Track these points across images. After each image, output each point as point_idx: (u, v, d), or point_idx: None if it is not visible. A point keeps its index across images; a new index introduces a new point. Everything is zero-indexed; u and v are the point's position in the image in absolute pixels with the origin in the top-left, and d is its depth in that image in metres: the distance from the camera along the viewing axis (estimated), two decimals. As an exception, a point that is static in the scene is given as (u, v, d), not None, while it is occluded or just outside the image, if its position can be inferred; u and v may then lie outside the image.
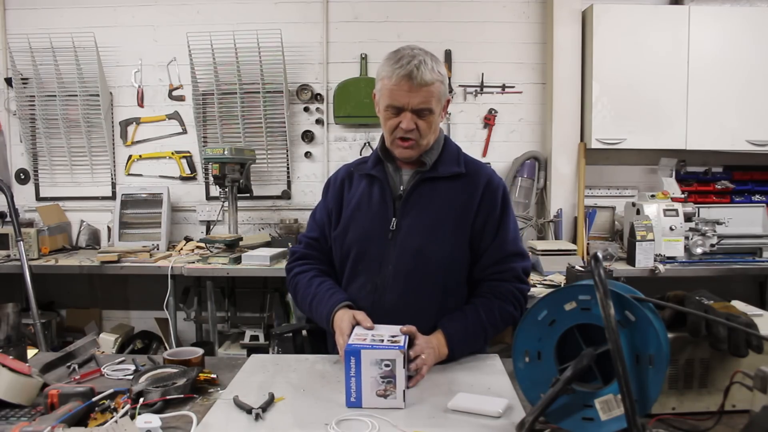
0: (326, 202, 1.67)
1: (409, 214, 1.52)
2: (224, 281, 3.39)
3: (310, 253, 1.65)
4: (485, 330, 1.46)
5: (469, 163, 1.59)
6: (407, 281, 1.49)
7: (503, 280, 1.51)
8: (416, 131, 1.45)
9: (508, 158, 3.65)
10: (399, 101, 1.43)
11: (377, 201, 1.55)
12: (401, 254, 1.50)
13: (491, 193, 1.54)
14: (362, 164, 1.64)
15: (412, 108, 1.43)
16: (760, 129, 3.34)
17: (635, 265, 2.94)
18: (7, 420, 1.08)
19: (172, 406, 1.13)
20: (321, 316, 1.47)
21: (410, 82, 1.39)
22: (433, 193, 1.53)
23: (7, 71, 3.66)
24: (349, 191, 1.62)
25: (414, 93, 1.41)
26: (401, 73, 1.39)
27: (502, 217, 1.53)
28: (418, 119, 1.45)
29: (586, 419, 0.95)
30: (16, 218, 3.00)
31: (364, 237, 1.54)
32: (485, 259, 1.52)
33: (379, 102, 1.51)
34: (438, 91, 1.44)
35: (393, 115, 1.46)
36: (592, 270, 0.90)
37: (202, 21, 3.64)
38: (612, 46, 3.34)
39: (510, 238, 1.53)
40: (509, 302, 1.49)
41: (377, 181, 1.57)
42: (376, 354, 1.12)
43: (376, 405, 1.12)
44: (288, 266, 1.69)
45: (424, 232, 1.50)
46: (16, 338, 1.36)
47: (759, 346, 0.98)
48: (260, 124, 3.64)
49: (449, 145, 1.60)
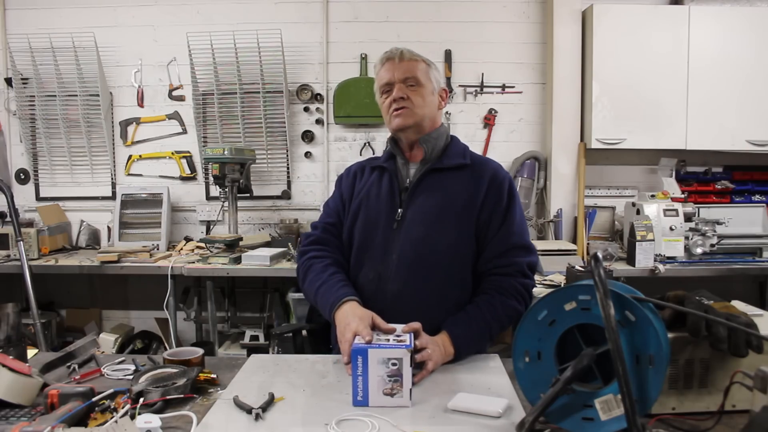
0: (340, 191, 1.72)
1: (415, 203, 1.55)
2: (224, 281, 3.39)
3: (328, 237, 1.66)
4: (490, 327, 1.46)
5: (475, 158, 1.64)
6: (410, 270, 1.50)
7: (507, 275, 1.50)
8: (409, 101, 1.55)
9: (508, 158, 3.65)
10: (386, 78, 1.58)
11: (386, 191, 1.60)
12: (405, 243, 1.51)
13: (497, 185, 1.56)
14: (375, 159, 1.72)
15: (399, 79, 1.57)
16: (760, 129, 3.34)
17: (635, 265, 2.94)
18: (7, 420, 1.08)
19: (172, 406, 1.13)
20: (326, 303, 1.47)
21: (393, 60, 1.59)
22: (439, 183, 1.56)
23: (7, 71, 3.67)
24: (359, 183, 1.68)
25: (397, 67, 1.58)
26: (386, 56, 1.61)
27: (508, 210, 1.54)
28: (408, 90, 1.56)
29: (586, 419, 0.95)
30: (16, 218, 3.00)
31: (370, 226, 1.57)
32: (489, 250, 1.52)
33: (378, 100, 1.64)
34: (422, 68, 1.59)
35: (387, 96, 1.59)
36: (592, 270, 0.90)
37: (202, 21, 3.64)
38: (612, 46, 3.34)
39: (515, 231, 1.54)
40: (513, 297, 1.48)
41: (387, 172, 1.63)
42: (383, 353, 1.13)
43: (383, 404, 1.12)
44: (303, 248, 1.67)
45: (428, 221, 1.52)
46: (16, 338, 1.36)
47: (759, 346, 0.98)
48: (260, 124, 3.64)
49: (456, 142, 1.67)
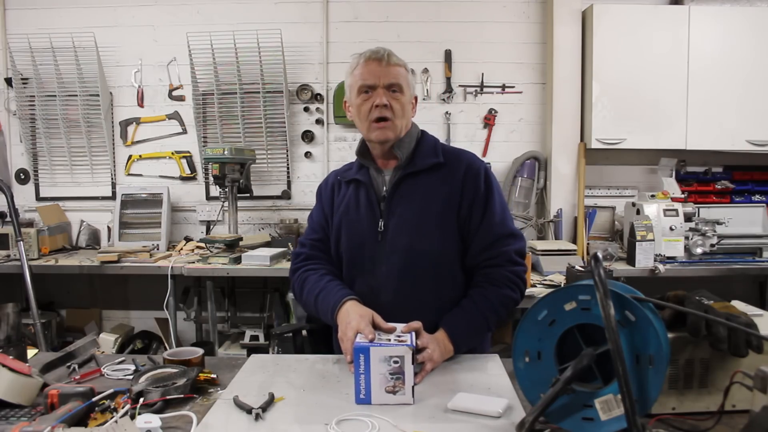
0: (322, 204, 1.69)
1: (395, 213, 1.53)
2: (224, 281, 3.39)
3: (317, 254, 1.65)
4: (486, 319, 1.46)
5: (447, 152, 1.59)
6: (400, 279, 1.50)
7: (496, 265, 1.50)
8: (391, 111, 1.49)
9: (508, 158, 3.66)
10: (370, 80, 1.49)
11: (364, 204, 1.57)
12: (391, 253, 1.51)
13: (472, 177, 1.53)
14: (347, 171, 1.66)
15: (384, 84, 1.49)
16: (760, 129, 3.34)
17: (635, 265, 2.94)
18: (7, 420, 1.08)
19: (172, 406, 1.13)
20: (326, 307, 1.47)
21: (379, 62, 1.50)
22: (415, 188, 1.53)
23: (7, 71, 3.67)
24: (338, 196, 1.65)
25: (383, 71, 1.49)
26: (370, 56, 1.50)
27: (487, 200, 1.52)
28: (391, 98, 1.49)
29: (586, 419, 0.95)
30: (16, 218, 3.00)
31: (355, 241, 1.57)
32: (475, 245, 1.52)
33: (350, 96, 1.56)
34: (406, 76, 1.53)
35: (366, 97, 1.51)
36: (592, 270, 0.90)
37: (202, 21, 3.64)
38: (612, 46, 3.34)
39: (497, 221, 1.52)
40: (506, 286, 1.49)
41: (362, 185, 1.59)
42: (385, 351, 1.13)
43: (385, 401, 1.13)
44: (294, 266, 1.66)
45: (410, 228, 1.51)
46: (16, 338, 1.36)
47: (759, 346, 0.98)
48: (260, 124, 3.64)
49: (426, 138, 1.62)
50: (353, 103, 1.55)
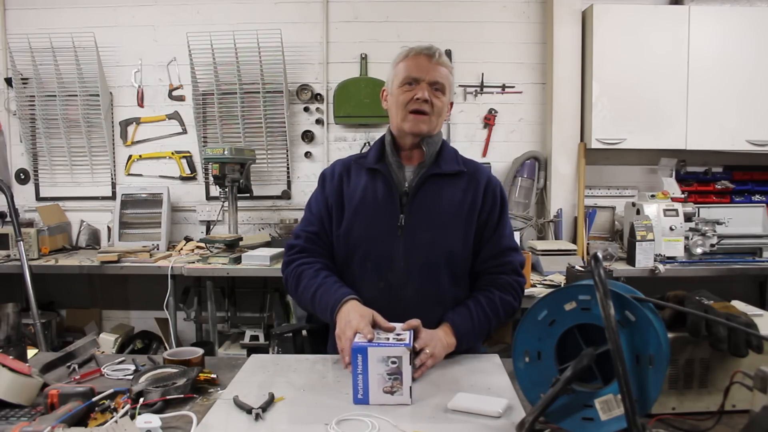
0: (324, 194, 1.62)
1: (420, 208, 1.53)
2: (224, 281, 3.39)
3: (312, 247, 1.60)
4: (489, 319, 1.51)
5: (468, 163, 1.65)
6: (421, 275, 1.52)
7: (502, 272, 1.58)
8: (430, 105, 1.51)
9: (508, 158, 3.66)
10: (417, 73, 1.51)
11: (383, 196, 1.55)
12: (412, 249, 1.51)
13: (492, 191, 1.61)
14: (362, 159, 1.64)
15: (429, 80, 1.51)
16: (760, 129, 3.34)
17: (635, 265, 2.94)
18: (7, 420, 1.08)
19: (172, 406, 1.13)
20: (326, 305, 1.44)
21: (429, 58, 1.52)
22: (439, 189, 1.56)
23: (7, 71, 3.66)
24: (348, 186, 1.60)
25: (431, 67, 1.52)
26: (421, 50, 1.53)
27: (501, 215, 1.61)
28: (432, 95, 1.51)
29: (586, 419, 0.95)
30: (16, 218, 3.00)
31: (372, 234, 1.53)
32: (485, 252, 1.58)
33: (392, 85, 1.57)
34: (449, 79, 1.56)
35: (408, 89, 1.52)
36: (592, 270, 0.90)
37: (202, 21, 3.64)
38: (612, 46, 3.34)
39: (507, 234, 1.62)
40: (509, 293, 1.56)
41: (380, 175, 1.57)
42: (382, 351, 1.13)
43: (383, 401, 1.13)
44: (288, 258, 1.61)
45: (433, 226, 1.53)
46: (16, 338, 1.36)
47: (759, 346, 0.98)
48: (260, 124, 3.64)
49: (447, 146, 1.66)
50: (392, 92, 1.57)
